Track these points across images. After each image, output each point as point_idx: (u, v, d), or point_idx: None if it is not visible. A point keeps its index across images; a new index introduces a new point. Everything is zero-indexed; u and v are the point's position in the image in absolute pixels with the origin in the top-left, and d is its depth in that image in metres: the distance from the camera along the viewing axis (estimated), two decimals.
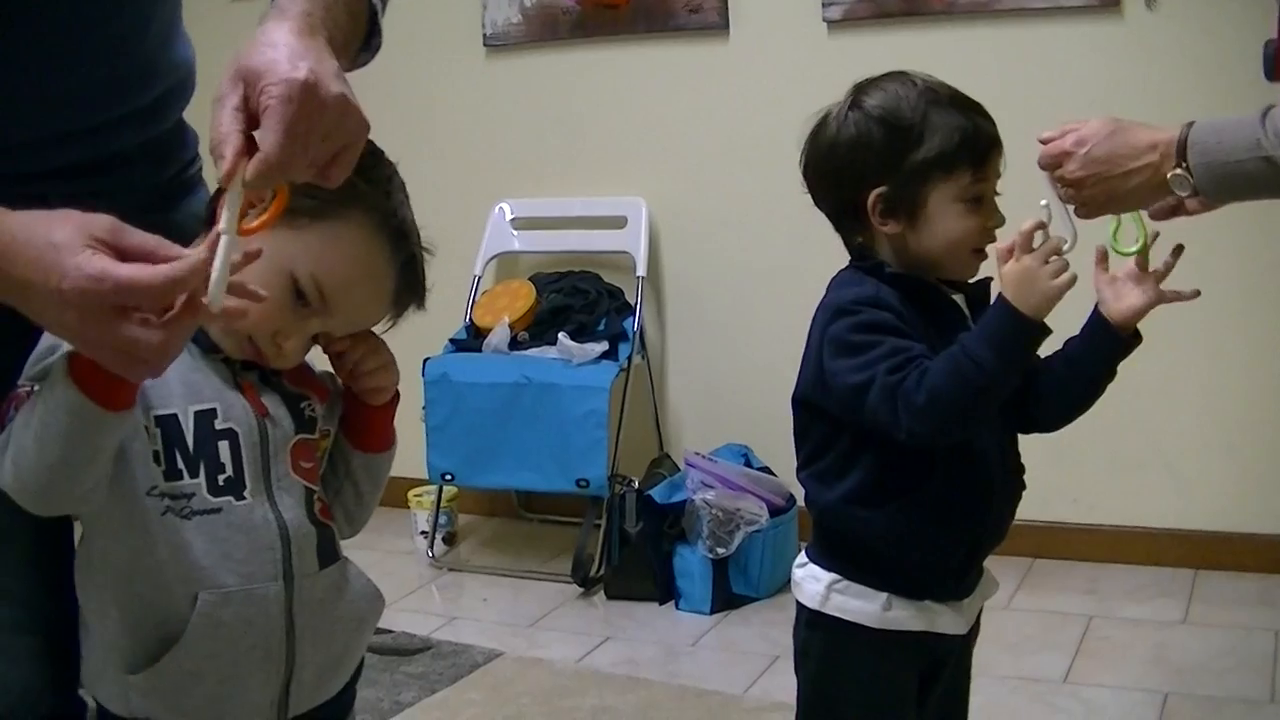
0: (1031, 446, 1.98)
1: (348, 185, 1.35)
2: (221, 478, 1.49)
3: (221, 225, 1.24)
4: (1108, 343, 1.90)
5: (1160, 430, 3.92)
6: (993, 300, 1.79)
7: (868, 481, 1.84)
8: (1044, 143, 1.85)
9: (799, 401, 1.92)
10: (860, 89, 1.88)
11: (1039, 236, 1.74)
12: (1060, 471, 3.81)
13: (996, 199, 1.86)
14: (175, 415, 1.49)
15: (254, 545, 1.50)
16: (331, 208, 1.47)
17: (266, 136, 1.22)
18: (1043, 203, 1.81)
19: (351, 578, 1.62)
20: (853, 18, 3.96)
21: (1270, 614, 3.55)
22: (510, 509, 4.61)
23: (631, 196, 4.30)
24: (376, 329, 1.60)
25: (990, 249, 1.84)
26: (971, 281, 1.91)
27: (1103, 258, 1.90)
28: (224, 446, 1.50)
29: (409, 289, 1.59)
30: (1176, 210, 1.91)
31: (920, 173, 1.81)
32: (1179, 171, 1.73)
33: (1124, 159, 1.77)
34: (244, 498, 1.51)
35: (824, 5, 3.99)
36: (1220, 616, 3.58)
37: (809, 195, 1.94)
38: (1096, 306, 1.90)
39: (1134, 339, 1.91)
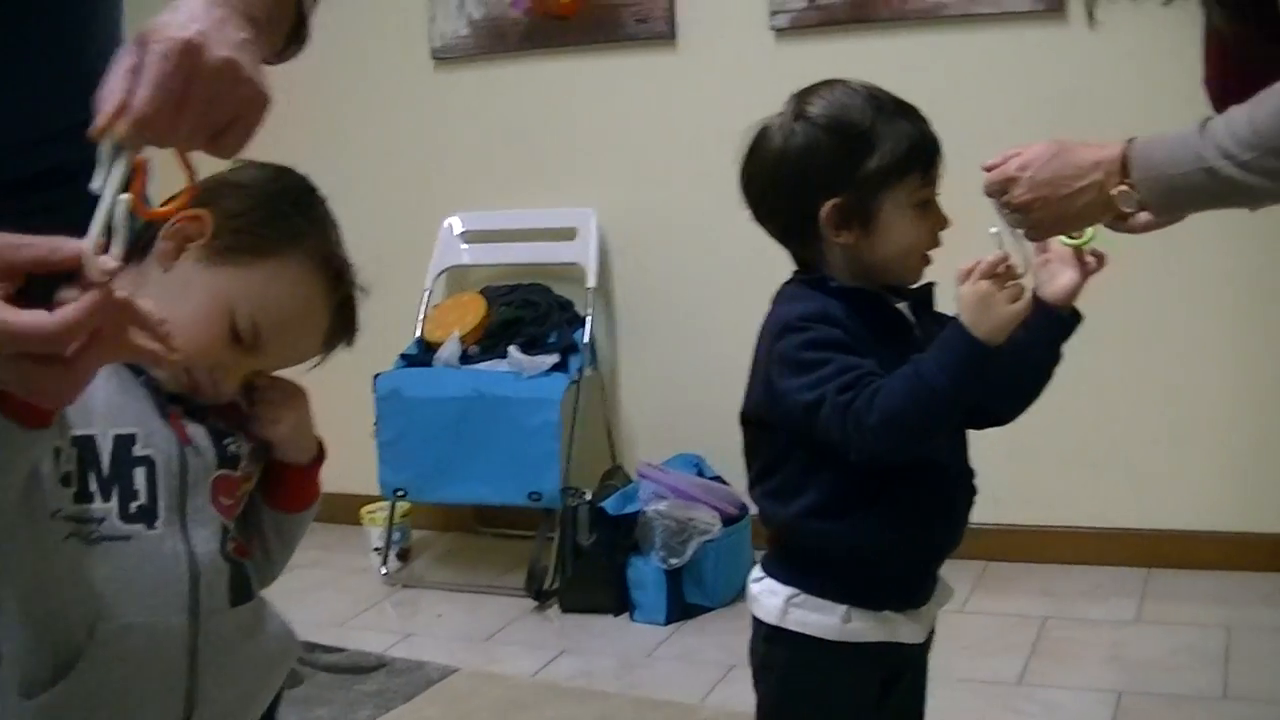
0: (986, 450, 1.99)
1: (289, 223, 1.32)
2: (134, 505, 1.43)
3: (95, 183, 1.16)
4: (1050, 325, 1.90)
5: (1113, 430, 3.93)
6: (936, 306, 1.80)
7: (825, 496, 1.83)
8: (988, 170, 1.84)
9: (748, 419, 1.91)
10: (801, 98, 1.87)
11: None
12: (1015, 474, 3.80)
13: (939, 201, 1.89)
14: (93, 437, 1.43)
15: (161, 577, 1.43)
16: (273, 245, 1.45)
17: (136, 91, 1.16)
18: (993, 229, 1.80)
19: (266, 618, 1.56)
20: (800, 25, 3.98)
21: (1223, 610, 3.57)
22: (464, 523, 4.58)
23: (581, 208, 4.28)
24: (302, 368, 1.56)
25: (939, 258, 1.85)
26: (914, 287, 1.91)
27: (1042, 247, 1.90)
28: (140, 473, 1.44)
29: (342, 329, 1.56)
30: (1128, 225, 1.89)
31: (875, 181, 1.80)
32: (1124, 188, 1.73)
33: (1069, 179, 1.77)
34: (155, 527, 1.44)
35: (771, 13, 4.01)
36: (1174, 614, 3.60)
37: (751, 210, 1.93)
38: (1034, 291, 1.88)
39: (1074, 317, 1.92)
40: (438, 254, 4.40)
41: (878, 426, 1.70)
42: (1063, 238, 1.89)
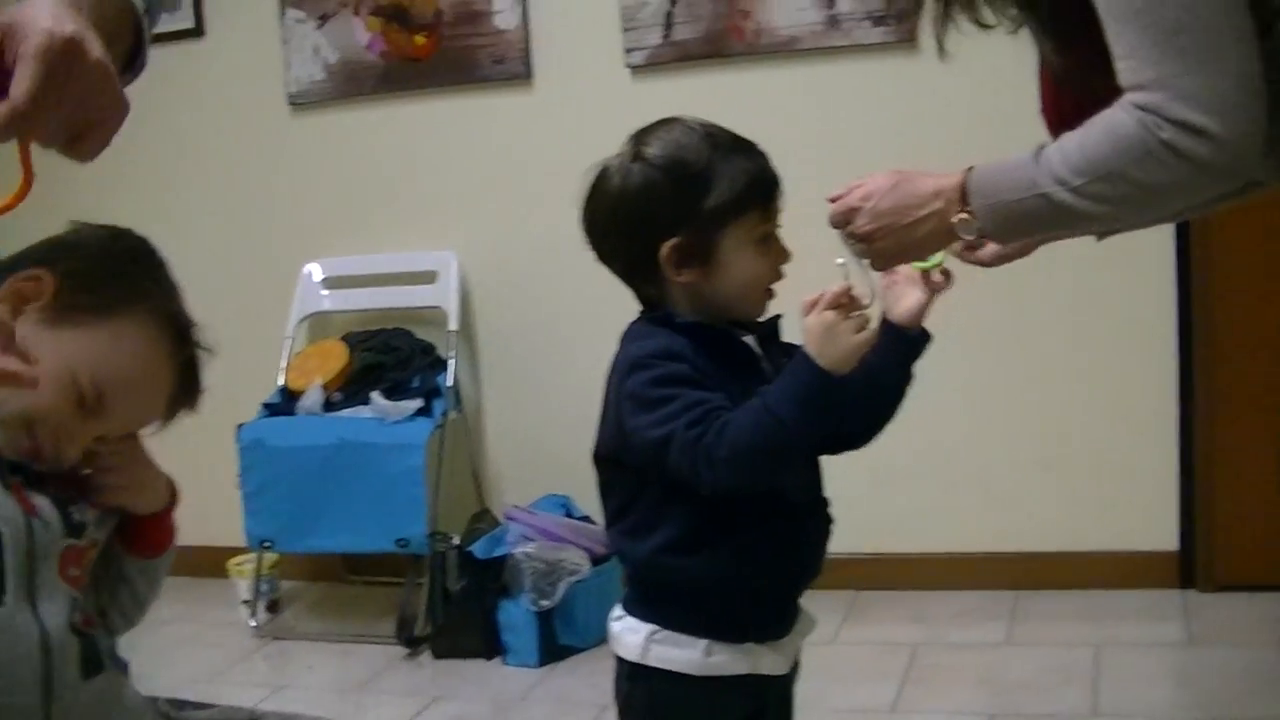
0: (850, 479, 2.00)
1: (131, 283, 1.30)
2: None
3: None
4: (899, 345, 1.92)
5: (976, 453, 3.96)
6: (784, 338, 1.81)
7: (680, 532, 1.82)
8: (832, 201, 1.85)
9: (601, 458, 1.90)
10: (639, 138, 1.87)
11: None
12: (879, 502, 3.84)
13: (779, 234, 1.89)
14: None
15: (12, 653, 1.40)
16: (115, 305, 1.43)
17: (18, 84, 1.13)
18: (839, 260, 1.81)
19: (122, 691, 1.53)
20: (655, 62, 4.00)
21: (1090, 629, 3.62)
22: (334, 573, 4.53)
23: (442, 250, 4.27)
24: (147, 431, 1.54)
25: (788, 289, 1.85)
26: (762, 320, 1.91)
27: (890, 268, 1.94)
28: None
29: (186, 391, 1.53)
30: (976, 253, 1.95)
31: (713, 219, 1.81)
32: (964, 216, 1.73)
33: (910, 209, 1.78)
34: (3, 603, 1.39)
35: (626, 51, 4.03)
36: (1043, 635, 3.64)
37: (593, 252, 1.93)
38: (883, 315, 1.91)
39: (923, 337, 1.95)
40: (298, 301, 4.36)
41: (727, 460, 1.70)
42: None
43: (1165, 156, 1.53)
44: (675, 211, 1.81)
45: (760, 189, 1.84)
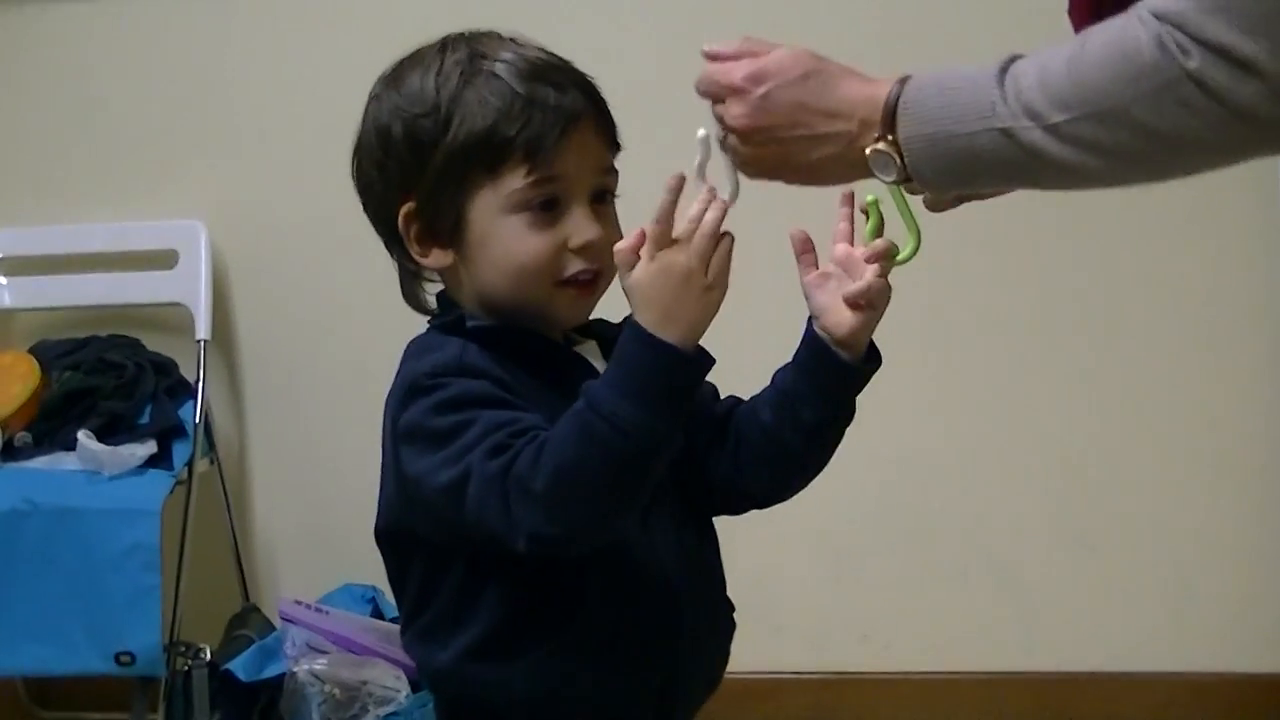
0: (799, 559, 1.97)
1: None
2: None
3: None
4: (828, 372, 1.87)
5: (984, 519, 3.91)
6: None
7: (493, 626, 1.81)
8: (709, 58, 1.82)
9: (383, 534, 1.90)
10: (397, 64, 1.90)
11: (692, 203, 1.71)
12: (840, 597, 3.87)
13: (603, 203, 1.85)
14: None
15: None
16: None
17: None
18: (700, 132, 1.77)
19: None
20: None
21: None
22: (15, 706, 4.32)
23: (182, 219, 4.13)
24: None
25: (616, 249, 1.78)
26: (615, 324, 1.87)
27: (805, 244, 1.88)
28: None
29: None
30: (955, 198, 1.92)
31: (448, 173, 1.81)
32: (882, 147, 1.71)
33: (811, 117, 1.75)
34: None
35: None
36: None
37: None
38: (810, 320, 1.87)
39: (869, 363, 1.88)
40: None
41: (548, 493, 1.64)
42: (868, 231, 1.88)
43: (1190, 94, 1.52)
44: (403, 165, 1.84)
45: (522, 130, 1.79)
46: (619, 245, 1.72)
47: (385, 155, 1.85)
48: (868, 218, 1.89)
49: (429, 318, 1.94)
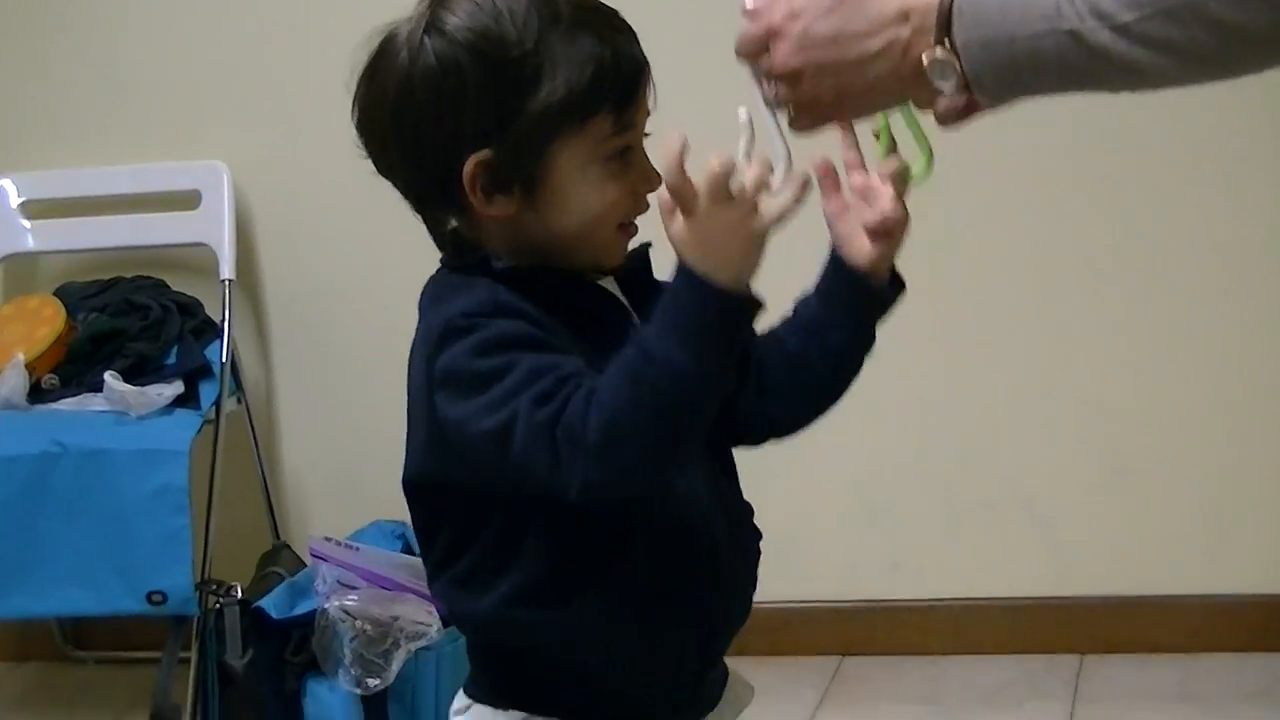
0: (829, 494, 1.93)
1: None
2: None
3: None
4: (854, 299, 1.88)
5: (1016, 454, 3.90)
6: (657, 274, 1.79)
7: (536, 572, 1.79)
8: (748, 16, 1.79)
9: (413, 484, 1.87)
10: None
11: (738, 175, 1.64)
12: (872, 527, 3.84)
13: (646, 148, 1.82)
14: None
15: None
16: None
17: None
18: (741, 112, 1.70)
19: None
20: None
21: (1190, 713, 3.57)
22: (51, 647, 4.40)
23: (206, 160, 4.13)
24: None
25: (651, 199, 1.79)
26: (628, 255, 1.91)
27: (830, 172, 1.85)
28: None
29: None
30: (965, 110, 1.84)
31: (539, 127, 1.76)
32: (940, 53, 1.67)
33: (858, 37, 1.71)
34: None
35: None
36: (1121, 717, 3.61)
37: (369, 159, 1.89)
38: (833, 247, 1.87)
39: (892, 289, 1.89)
40: None
41: (601, 443, 1.63)
42: (880, 153, 1.86)
43: None
44: (482, 114, 1.77)
45: (614, 83, 1.77)
46: (662, 196, 1.68)
47: (454, 103, 1.78)
48: (878, 140, 1.88)
49: (442, 258, 1.90)
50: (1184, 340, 3.83)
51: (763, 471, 2.02)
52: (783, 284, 1.79)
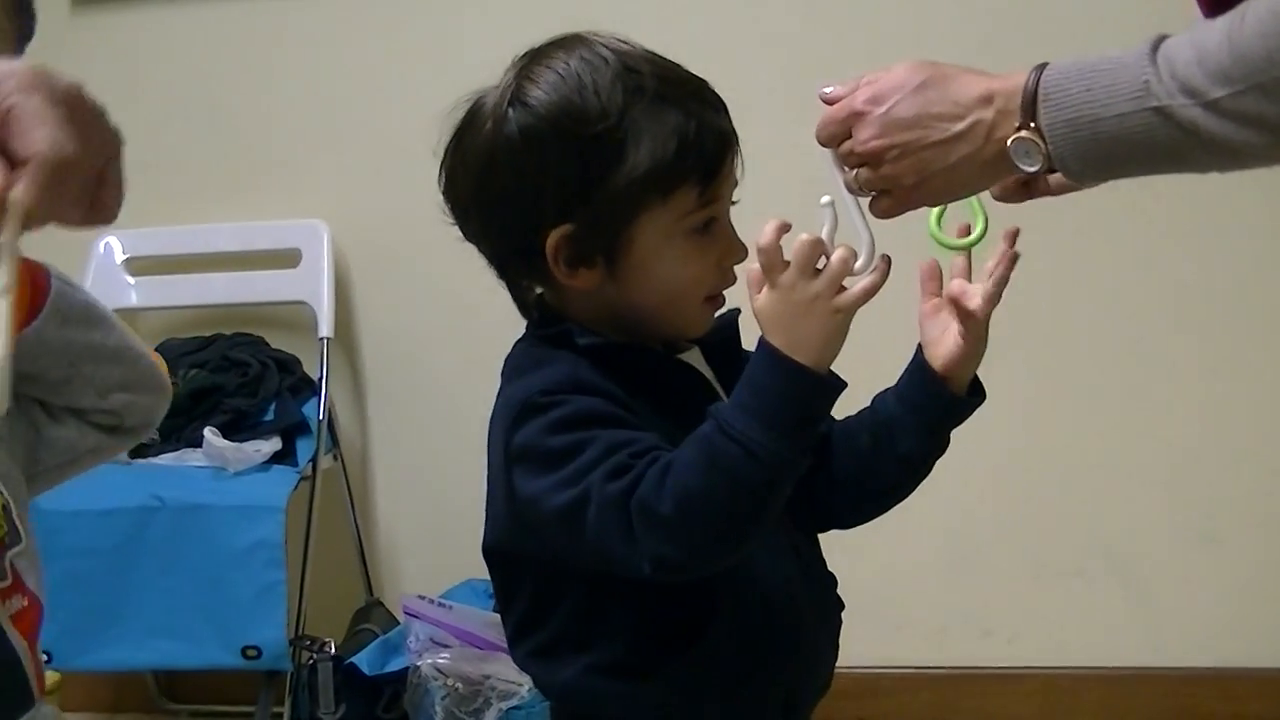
0: (920, 557, 1.92)
1: None
2: None
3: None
4: (931, 403, 1.87)
5: (1103, 518, 3.88)
6: (744, 344, 1.79)
7: (621, 645, 1.79)
8: (827, 102, 1.78)
9: (492, 551, 1.87)
10: (525, 67, 1.81)
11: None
12: (961, 588, 3.85)
13: (732, 219, 1.81)
14: None
15: None
16: None
17: (34, 132, 1.25)
18: (824, 199, 1.71)
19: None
20: None
21: None
22: (145, 699, 4.40)
23: (306, 219, 4.18)
24: None
25: (739, 272, 1.79)
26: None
27: (935, 274, 1.88)
28: None
29: None
30: (1032, 189, 1.88)
31: (623, 201, 1.75)
32: (1024, 134, 1.66)
33: (941, 120, 1.71)
34: None
35: None
36: None
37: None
38: (919, 347, 1.88)
39: (972, 397, 1.88)
40: (91, 291, 4.11)
41: (675, 517, 1.62)
42: (936, 236, 1.87)
43: None
44: (564, 187, 1.76)
45: (699, 156, 1.75)
46: (750, 270, 1.69)
47: (536, 176, 1.77)
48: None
49: (528, 326, 1.91)
50: (1274, 399, 3.82)
51: (851, 533, 2.02)
52: (865, 378, 1.80)
